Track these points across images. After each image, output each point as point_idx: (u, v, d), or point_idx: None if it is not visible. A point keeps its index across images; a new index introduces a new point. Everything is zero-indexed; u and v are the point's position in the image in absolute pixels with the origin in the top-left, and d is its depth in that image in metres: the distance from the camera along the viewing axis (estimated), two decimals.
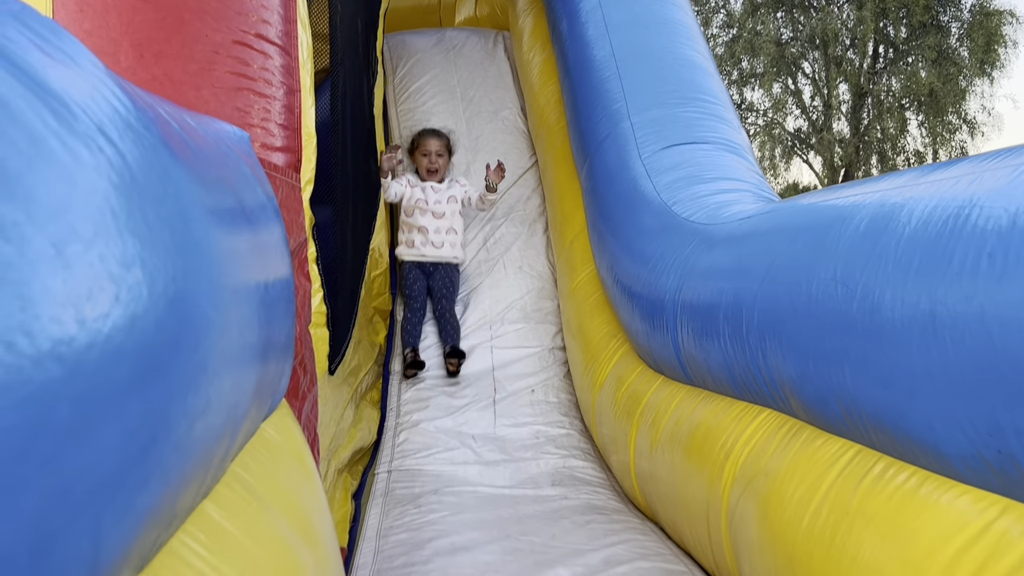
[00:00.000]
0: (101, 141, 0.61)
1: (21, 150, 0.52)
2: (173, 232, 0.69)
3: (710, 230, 2.49)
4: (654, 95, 3.57)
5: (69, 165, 0.56)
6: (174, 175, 0.77)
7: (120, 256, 0.59)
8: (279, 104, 2.02)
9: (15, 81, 0.55)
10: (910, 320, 1.30)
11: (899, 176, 1.64)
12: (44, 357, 0.48)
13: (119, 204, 0.60)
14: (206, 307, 0.75)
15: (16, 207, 0.49)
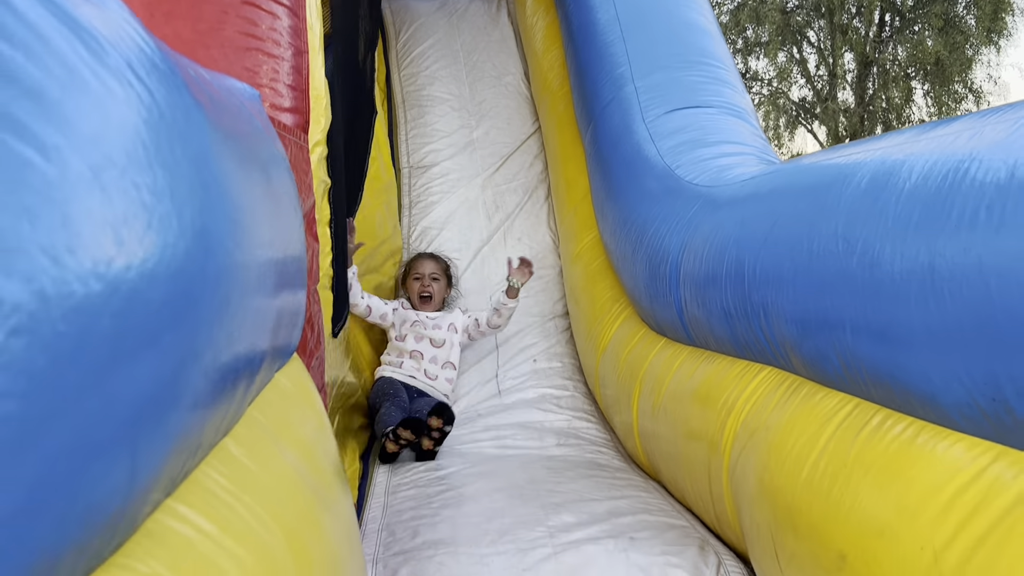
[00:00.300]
0: (130, 76, 0.64)
1: (59, 79, 0.54)
2: (198, 169, 0.72)
3: (713, 192, 2.51)
4: (658, 59, 3.57)
5: (102, 96, 0.58)
6: (196, 116, 0.79)
7: (151, 185, 0.61)
8: (287, 65, 2.03)
9: (50, 15, 0.57)
10: (909, 273, 1.32)
11: (901, 134, 1.66)
12: (87, 274, 0.51)
13: (149, 137, 0.63)
14: (228, 244, 0.78)
15: (56, 131, 0.51)
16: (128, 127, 0.60)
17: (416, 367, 3.45)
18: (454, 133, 4.95)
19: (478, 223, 4.62)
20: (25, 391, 0.44)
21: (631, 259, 2.98)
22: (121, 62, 0.63)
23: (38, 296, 0.46)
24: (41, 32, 0.55)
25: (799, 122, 20.45)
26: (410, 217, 4.58)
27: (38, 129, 0.50)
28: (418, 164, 4.81)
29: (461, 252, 4.43)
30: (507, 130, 5.02)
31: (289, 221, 1.33)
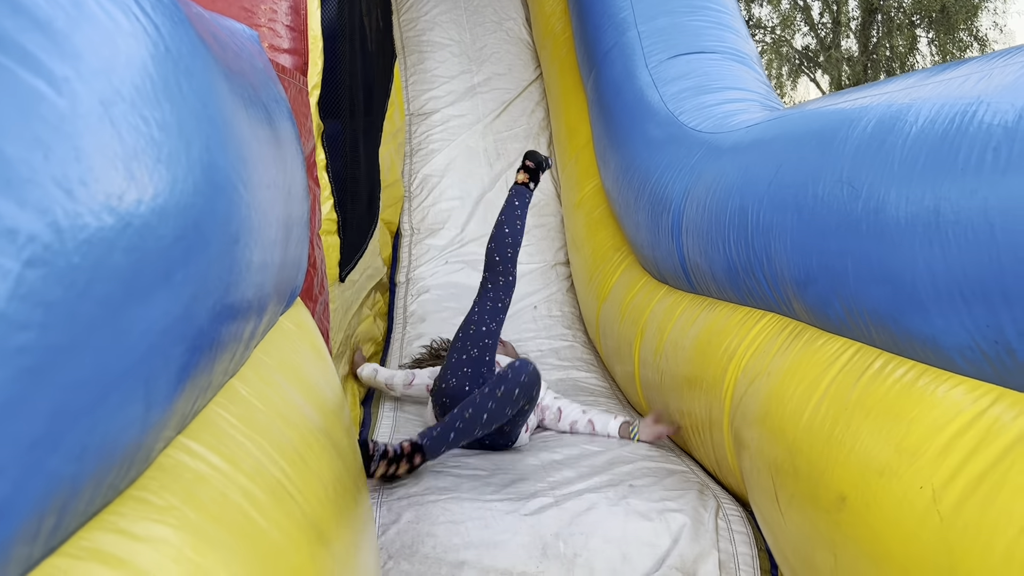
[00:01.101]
0: (136, 10, 0.63)
1: (66, 10, 0.53)
2: (204, 104, 0.71)
3: (716, 139, 2.49)
4: (662, 3, 3.52)
5: (110, 29, 0.57)
6: (201, 53, 0.78)
7: (160, 120, 0.61)
8: (285, 5, 2.00)
9: None
10: (914, 217, 1.32)
11: (908, 77, 1.64)
12: (99, 208, 0.51)
13: (156, 71, 0.62)
14: (235, 181, 0.78)
15: (66, 63, 0.51)
16: (135, 61, 0.59)
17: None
18: (454, 79, 4.90)
19: (479, 171, 4.60)
20: (43, 322, 0.44)
21: (633, 207, 2.97)
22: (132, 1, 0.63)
23: (52, 228, 0.46)
24: None
25: (802, 70, 20.20)
26: (411, 165, 4.55)
27: (47, 60, 0.49)
28: (418, 111, 4.77)
29: (462, 200, 4.42)
30: (508, 76, 4.97)
31: (292, 164, 1.32)
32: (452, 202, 4.43)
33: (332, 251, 2.53)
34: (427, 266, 4.09)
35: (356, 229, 2.92)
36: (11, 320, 0.42)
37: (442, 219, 4.35)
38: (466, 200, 4.43)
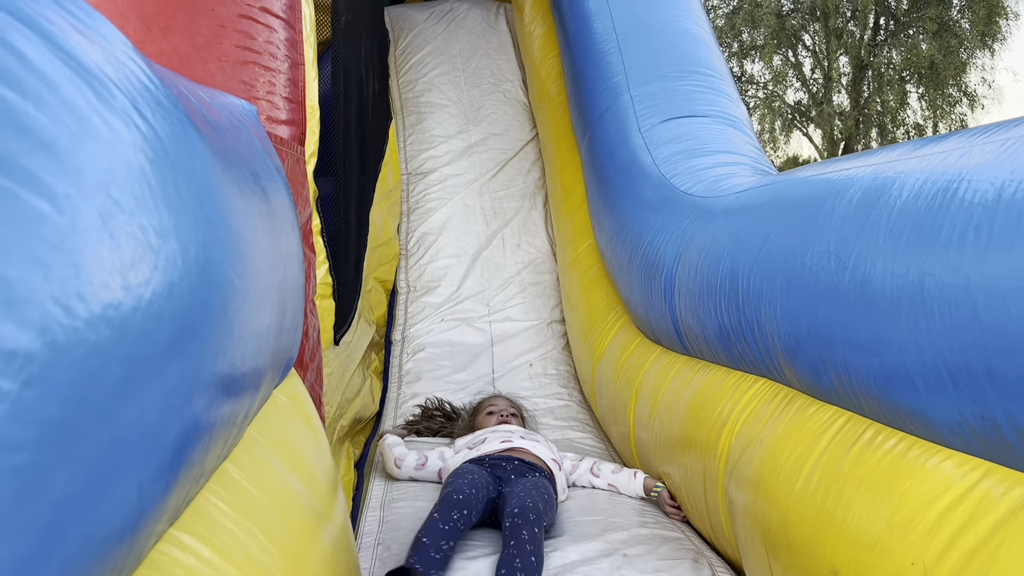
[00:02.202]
0: (136, 118, 0.65)
1: (69, 128, 0.56)
2: (201, 204, 0.73)
3: (708, 202, 2.53)
4: (654, 68, 3.59)
5: (110, 141, 0.60)
6: (199, 149, 0.81)
7: (157, 227, 0.63)
8: (284, 77, 2.05)
9: (61, 63, 0.59)
10: (900, 291, 1.34)
11: (893, 149, 1.68)
12: (96, 320, 0.53)
13: (155, 177, 0.64)
14: (231, 275, 0.80)
15: (67, 181, 0.53)
16: (135, 169, 0.62)
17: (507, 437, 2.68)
18: (452, 139, 4.97)
19: (475, 229, 4.64)
20: (37, 441, 0.45)
21: (627, 268, 3.00)
22: (127, 103, 0.65)
23: (50, 346, 0.47)
24: (51, 80, 0.57)
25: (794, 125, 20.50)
26: (408, 223, 4.60)
27: (50, 180, 0.51)
28: (416, 170, 4.83)
29: (459, 258, 4.45)
30: (505, 136, 5.04)
31: (287, 240, 1.35)
32: (449, 260, 4.47)
33: (327, 315, 2.54)
34: (423, 324, 4.10)
35: (349, 290, 2.94)
36: (7, 442, 0.43)
37: (438, 277, 4.38)
38: (462, 258, 4.47)
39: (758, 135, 20.60)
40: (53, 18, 0.64)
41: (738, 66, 20.05)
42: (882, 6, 18.58)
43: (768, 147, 20.57)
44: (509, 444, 2.61)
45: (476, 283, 4.34)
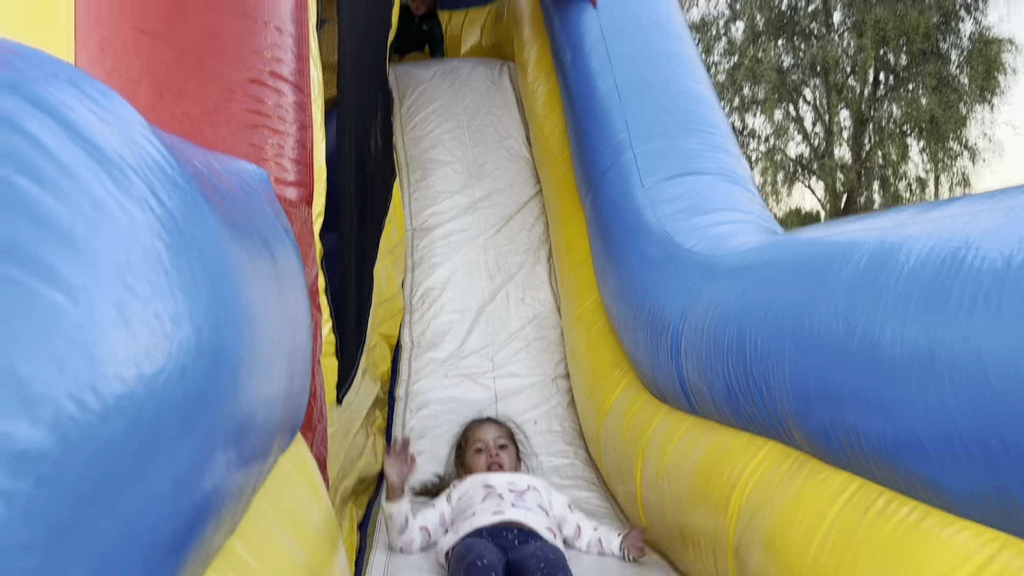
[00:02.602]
0: (153, 202, 0.66)
1: (87, 216, 0.56)
2: (214, 284, 0.73)
3: (713, 261, 2.53)
4: (656, 126, 3.63)
5: (127, 227, 0.60)
6: (212, 226, 0.81)
7: (172, 313, 0.63)
8: (292, 140, 2.07)
9: (80, 150, 0.60)
10: (909, 358, 1.33)
11: (898, 213, 1.69)
12: (110, 412, 0.52)
13: (171, 262, 0.65)
14: (242, 352, 0.80)
15: (84, 271, 0.53)
16: (151, 255, 0.62)
17: (497, 506, 2.58)
18: (456, 194, 5.00)
19: (480, 283, 4.65)
20: (47, 542, 0.45)
21: (632, 325, 2.99)
22: (144, 188, 0.66)
23: (63, 443, 0.47)
24: (69, 168, 0.57)
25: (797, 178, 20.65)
26: (412, 279, 4.61)
27: (66, 271, 0.52)
28: (421, 226, 4.86)
29: (463, 313, 4.45)
30: (509, 192, 5.08)
31: (296, 305, 1.35)
32: (453, 315, 4.46)
33: (331, 373, 2.53)
34: (427, 380, 4.08)
35: (351, 348, 2.93)
36: (17, 544, 0.43)
37: (442, 332, 4.37)
38: (466, 313, 4.46)
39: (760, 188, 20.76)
40: (72, 103, 0.65)
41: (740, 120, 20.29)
42: (881, 61, 18.86)
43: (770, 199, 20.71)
44: (500, 517, 2.53)
45: (480, 338, 4.33)
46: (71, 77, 0.69)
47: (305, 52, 2.17)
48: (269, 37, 1.99)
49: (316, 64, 2.30)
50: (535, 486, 2.77)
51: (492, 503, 2.59)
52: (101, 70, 1.77)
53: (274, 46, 2.01)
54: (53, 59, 0.71)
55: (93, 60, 1.76)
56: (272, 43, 2.01)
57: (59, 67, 0.69)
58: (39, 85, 0.62)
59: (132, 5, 1.78)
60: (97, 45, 1.76)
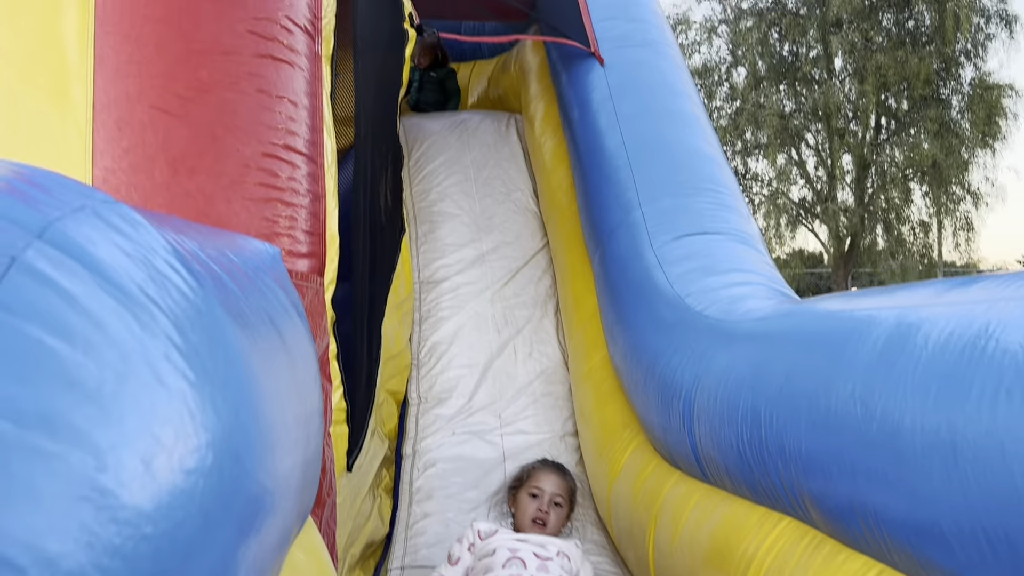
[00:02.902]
0: (177, 339, 0.65)
1: (115, 370, 0.56)
2: (237, 411, 0.73)
3: (725, 326, 2.52)
4: (665, 185, 3.65)
5: (154, 375, 0.59)
6: (232, 341, 0.81)
7: (197, 454, 0.62)
8: (305, 212, 2.08)
9: (107, 296, 0.59)
10: (931, 448, 1.32)
11: (915, 291, 1.68)
12: (133, 568, 0.51)
13: (194, 400, 0.64)
14: (261, 476, 0.79)
15: (112, 431, 0.53)
16: (176, 399, 0.61)
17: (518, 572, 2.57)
18: (464, 247, 5.01)
19: (487, 337, 4.63)
20: None
21: (642, 387, 2.97)
22: (168, 325, 0.65)
23: None
24: (98, 318, 0.57)
25: (800, 221, 20.71)
26: (420, 333, 4.60)
27: (96, 434, 0.51)
28: (428, 279, 4.86)
29: (471, 368, 4.43)
30: (516, 244, 5.09)
31: (310, 400, 1.34)
32: (460, 370, 4.44)
33: (340, 441, 2.52)
34: (434, 437, 4.05)
35: (361, 411, 2.92)
36: None
37: (450, 387, 4.35)
38: (474, 368, 4.44)
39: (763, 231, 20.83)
40: (97, 239, 0.64)
41: (742, 164, 20.42)
42: (883, 107, 19.02)
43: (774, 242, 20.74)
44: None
45: (488, 394, 4.30)
46: (95, 208, 0.69)
47: (319, 123, 2.19)
48: (283, 111, 2.01)
49: (330, 133, 2.32)
50: (566, 552, 2.72)
51: (513, 570, 2.56)
52: (118, 148, 1.78)
53: (288, 119, 2.03)
54: (76, 187, 0.71)
55: (110, 139, 1.77)
56: (286, 116, 2.02)
57: (82, 197, 0.69)
58: (65, 225, 0.62)
59: (151, 85, 1.80)
60: (115, 124, 1.78)
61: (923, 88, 18.21)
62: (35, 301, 0.54)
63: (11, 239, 0.56)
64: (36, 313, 0.53)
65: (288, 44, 2.05)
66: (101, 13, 1.85)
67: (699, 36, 20.65)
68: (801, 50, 19.70)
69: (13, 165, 0.69)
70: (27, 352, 0.51)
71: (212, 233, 1.33)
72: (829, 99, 18.63)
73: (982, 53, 18.87)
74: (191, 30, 1.90)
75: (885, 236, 19.77)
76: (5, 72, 1.81)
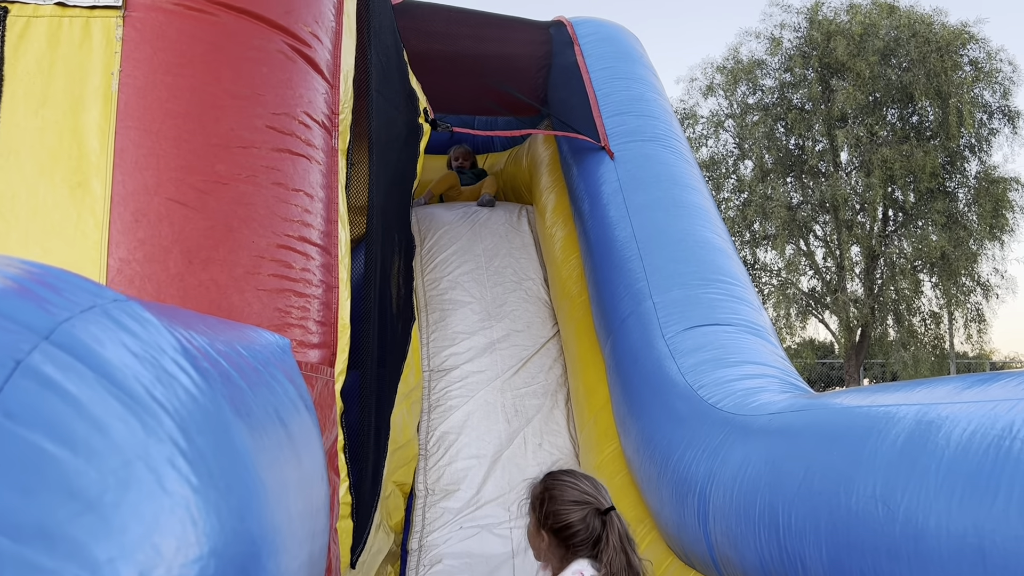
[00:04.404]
0: (182, 443, 0.64)
1: (117, 477, 0.54)
2: (242, 516, 0.70)
3: (740, 420, 2.48)
4: (675, 276, 3.65)
5: (156, 483, 0.58)
6: (238, 442, 0.79)
7: (197, 560, 0.60)
8: (318, 303, 2.08)
9: (113, 399, 0.58)
10: (958, 552, 1.27)
11: (933, 388, 1.65)
12: None
13: (198, 508, 0.62)
14: (257, 572, 0.76)
15: (111, 543, 0.51)
16: (179, 506, 0.59)
17: None
18: (474, 335, 5.00)
19: (497, 427, 4.57)
20: None
21: (656, 483, 2.91)
22: (174, 428, 0.64)
23: None
24: (102, 423, 0.56)
25: (810, 312, 20.66)
26: (428, 422, 4.54)
27: (94, 547, 0.49)
28: (438, 367, 4.83)
29: (479, 460, 4.36)
30: (527, 333, 5.07)
31: (316, 491, 1.31)
32: (469, 461, 4.37)
33: (345, 536, 2.45)
34: (441, 532, 3.95)
35: (366, 505, 2.86)
36: None
37: (458, 479, 4.27)
38: (483, 459, 4.37)
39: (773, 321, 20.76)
40: (105, 339, 0.63)
41: (751, 255, 20.52)
42: (890, 199, 19.20)
43: (784, 332, 20.67)
44: None
45: (497, 486, 4.22)
46: (105, 308, 0.68)
47: (334, 215, 2.21)
48: (299, 203, 2.03)
49: (344, 225, 2.33)
50: None
51: None
52: (134, 239, 1.80)
53: (304, 212, 2.05)
54: (86, 286, 0.71)
55: (127, 230, 1.79)
56: (302, 209, 2.05)
57: (92, 296, 0.69)
58: (73, 326, 0.61)
59: (169, 178, 1.83)
60: (132, 215, 1.80)
61: (929, 181, 18.40)
62: (38, 407, 0.52)
63: (17, 341, 0.55)
64: (39, 419, 0.52)
65: (305, 139, 2.09)
66: (123, 107, 1.90)
67: (706, 130, 21.06)
68: (807, 143, 20.02)
69: (24, 264, 0.69)
70: (28, 460, 0.49)
71: (222, 326, 1.32)
72: (836, 191, 18.82)
73: (986, 147, 19.14)
74: (211, 124, 1.94)
75: (896, 327, 19.67)
76: (27, 163, 1.85)
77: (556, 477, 1.92)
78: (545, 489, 1.91)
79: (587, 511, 1.84)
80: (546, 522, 1.86)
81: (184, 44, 1.96)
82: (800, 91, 19.83)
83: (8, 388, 0.51)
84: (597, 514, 1.84)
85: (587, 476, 1.93)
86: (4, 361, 0.53)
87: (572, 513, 1.82)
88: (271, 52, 2.07)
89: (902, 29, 18.53)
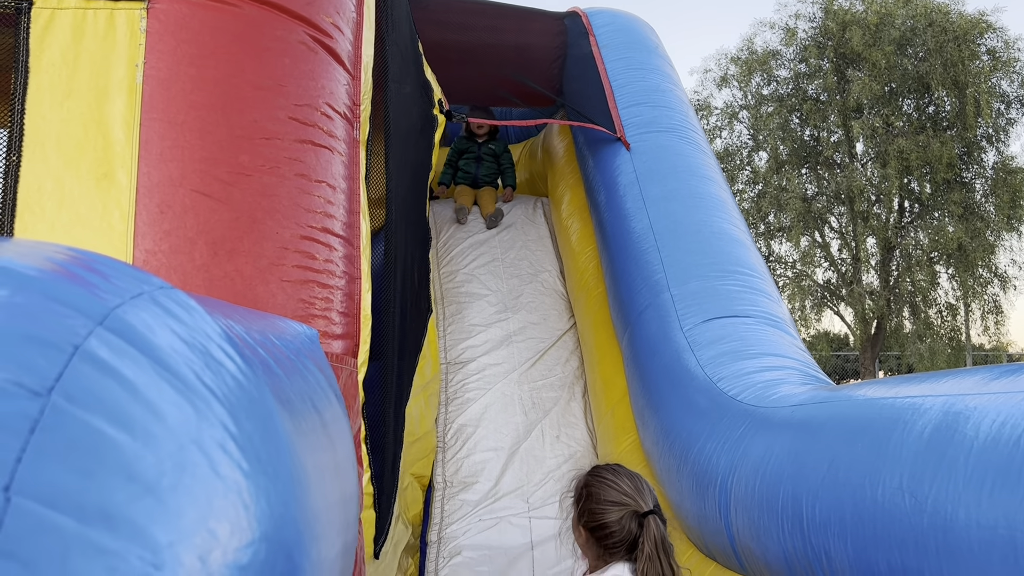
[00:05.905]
0: (233, 428, 0.64)
1: (173, 461, 0.54)
2: (287, 502, 0.71)
3: (761, 412, 2.47)
4: (693, 267, 3.64)
5: (208, 469, 0.58)
6: (281, 429, 0.80)
7: (250, 544, 0.61)
8: (341, 294, 2.09)
9: (166, 385, 0.59)
10: (988, 544, 1.26)
11: (959, 379, 1.64)
12: None
13: (248, 492, 0.62)
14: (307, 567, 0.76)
15: (170, 527, 0.51)
16: (232, 490, 0.60)
17: None
18: (491, 327, 5.00)
19: (514, 420, 4.58)
20: None
21: (675, 475, 2.91)
22: (224, 414, 0.64)
23: None
24: (157, 408, 0.56)
25: (825, 304, 20.56)
26: (446, 415, 4.55)
27: (154, 530, 0.50)
28: (455, 360, 4.84)
29: (497, 452, 4.36)
30: (543, 325, 5.07)
31: (349, 477, 1.32)
32: (487, 453, 4.38)
33: (368, 526, 2.47)
34: (460, 524, 3.97)
35: (387, 496, 2.87)
36: None
37: (476, 471, 4.28)
38: (500, 452, 4.38)
39: None
40: (155, 326, 0.64)
41: (766, 247, 20.42)
42: (906, 190, 19.06)
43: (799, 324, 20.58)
44: None
45: (515, 478, 4.23)
46: (152, 295, 0.69)
47: (356, 207, 2.21)
48: (322, 195, 2.04)
49: (365, 216, 2.34)
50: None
51: None
52: (159, 230, 1.81)
53: (326, 203, 2.06)
54: (132, 273, 0.71)
55: (152, 221, 1.80)
56: (325, 200, 2.05)
57: (140, 283, 0.69)
58: (125, 312, 0.62)
59: (193, 169, 1.84)
60: (157, 207, 1.81)
61: (946, 172, 18.26)
62: (97, 391, 0.53)
63: (74, 326, 0.56)
64: (98, 403, 0.52)
65: (328, 130, 2.09)
66: (148, 99, 1.91)
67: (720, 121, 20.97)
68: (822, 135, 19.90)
69: (70, 250, 0.70)
70: (89, 444, 0.50)
71: (254, 316, 1.33)
72: (852, 182, 18.71)
73: (1004, 138, 18.97)
74: (234, 116, 1.95)
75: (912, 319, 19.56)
76: (53, 155, 1.86)
77: (598, 474, 1.88)
78: (586, 485, 1.88)
79: (624, 512, 1.79)
80: (583, 519, 1.84)
81: (207, 36, 1.97)
82: (815, 82, 19.69)
83: (68, 373, 0.52)
84: (635, 516, 1.78)
85: (632, 475, 1.88)
86: (63, 346, 0.54)
87: (609, 514, 1.79)
88: (293, 43, 2.08)
89: (918, 18, 18.37)
